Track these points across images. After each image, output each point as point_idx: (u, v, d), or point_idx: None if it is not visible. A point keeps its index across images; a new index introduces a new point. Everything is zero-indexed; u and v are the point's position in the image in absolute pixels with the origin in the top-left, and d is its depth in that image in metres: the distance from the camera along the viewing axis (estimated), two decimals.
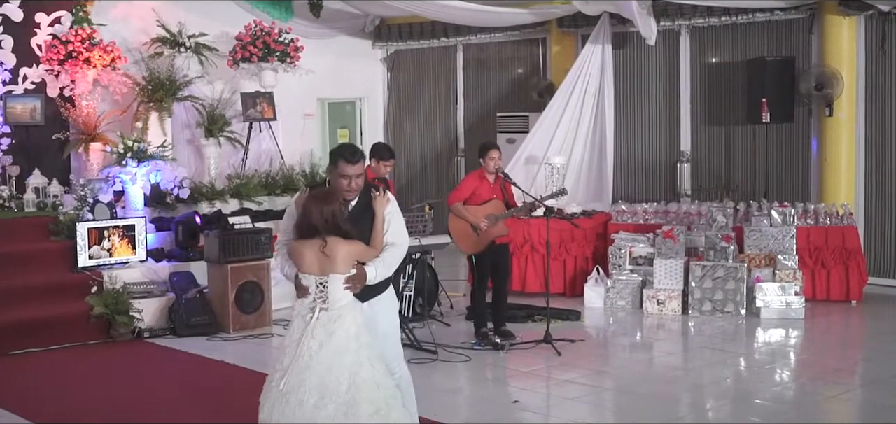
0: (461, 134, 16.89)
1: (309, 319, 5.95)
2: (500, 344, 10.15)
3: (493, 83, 16.55)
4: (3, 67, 13.45)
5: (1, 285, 10.71)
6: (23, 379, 9.35)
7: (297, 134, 16.14)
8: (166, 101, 13.47)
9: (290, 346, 5.97)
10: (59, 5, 13.90)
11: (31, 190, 12.35)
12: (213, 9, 15.21)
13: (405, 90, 17.58)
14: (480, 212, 10.26)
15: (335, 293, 5.98)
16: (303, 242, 6.03)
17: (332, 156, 6.31)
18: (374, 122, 17.98)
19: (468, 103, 16.86)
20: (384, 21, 17.44)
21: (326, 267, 5.97)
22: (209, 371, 9.68)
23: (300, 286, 6.08)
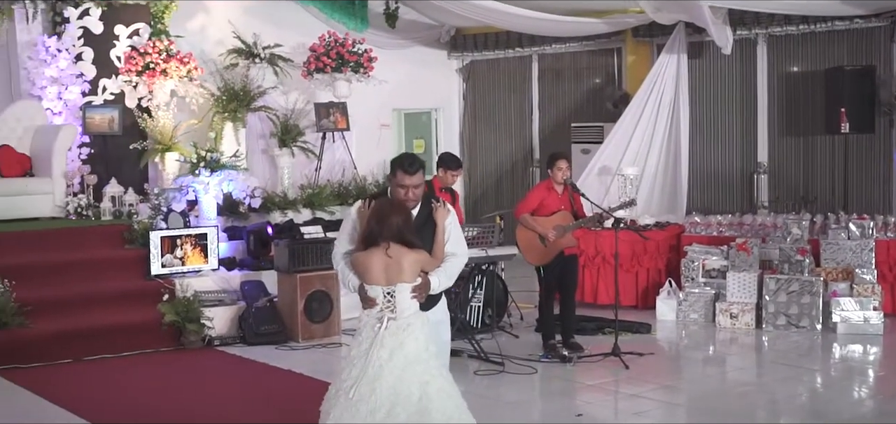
0: (536, 144, 16.80)
1: (378, 329, 5.97)
2: (567, 356, 10.04)
3: (568, 93, 16.44)
4: (83, 78, 13.69)
5: (76, 291, 10.90)
6: (94, 385, 9.48)
7: (373, 144, 16.21)
8: (240, 112, 13.62)
9: (359, 356, 5.98)
10: (138, 17, 14.12)
11: (108, 198, 12.56)
12: (289, 19, 15.38)
13: (481, 100, 17.54)
14: (548, 223, 10.17)
15: (403, 302, 6.02)
16: (368, 253, 6.06)
17: (392, 165, 6.37)
18: (450, 133, 17.97)
19: (543, 113, 16.76)
20: (460, 31, 17.42)
21: (393, 276, 6.01)
22: (276, 380, 9.72)
23: (366, 297, 6.10)
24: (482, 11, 14.99)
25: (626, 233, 11.90)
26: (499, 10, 14.65)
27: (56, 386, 9.28)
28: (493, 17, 15.44)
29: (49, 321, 10.35)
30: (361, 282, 6.13)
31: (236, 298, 11.41)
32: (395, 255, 6.01)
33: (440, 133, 18.00)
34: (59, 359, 10.09)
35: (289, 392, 9.35)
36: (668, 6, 12.91)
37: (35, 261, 11.10)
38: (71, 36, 13.65)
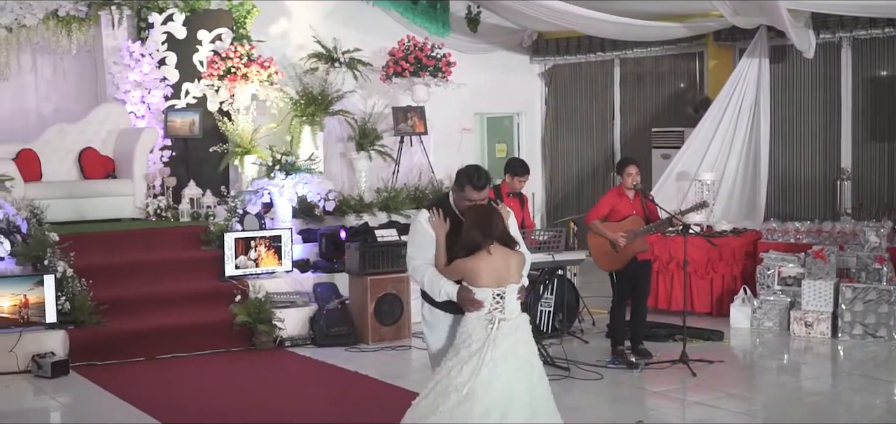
0: (617, 149, 16.66)
1: (490, 330, 6.07)
2: (634, 362, 9.94)
3: (649, 98, 16.29)
4: (166, 83, 13.97)
5: (151, 291, 11.13)
6: (165, 383, 9.67)
7: (454, 148, 16.24)
8: (318, 116, 13.75)
9: (470, 356, 6.06)
10: (221, 22, 14.36)
11: (186, 200, 12.79)
12: (371, 24, 15.51)
13: (562, 105, 17.47)
14: (619, 229, 10.09)
15: (511, 303, 6.19)
16: (476, 257, 6.16)
17: (459, 177, 6.42)
18: (532, 137, 17.93)
19: (624, 118, 16.63)
20: (542, 36, 17.38)
21: (503, 277, 6.16)
22: (342, 381, 9.79)
23: (471, 300, 6.15)
24: (564, 16, 14.93)
25: (703, 240, 11.77)
26: (580, 15, 14.59)
27: (128, 384, 9.48)
28: (574, 22, 15.38)
29: (124, 319, 10.58)
30: (461, 287, 6.19)
31: (308, 300, 11.52)
32: (502, 257, 6.19)
33: (522, 137, 17.96)
34: (133, 357, 10.32)
35: (354, 393, 9.41)
36: (747, 8, 12.70)
37: (113, 261, 11.36)
38: (155, 41, 13.92)
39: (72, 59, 14.06)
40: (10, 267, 10.64)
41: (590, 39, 16.50)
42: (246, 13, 14.63)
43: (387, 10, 16.03)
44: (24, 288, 10.14)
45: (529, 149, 17.85)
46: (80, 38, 13.81)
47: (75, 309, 10.29)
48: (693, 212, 10.40)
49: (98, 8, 13.73)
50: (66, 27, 13.69)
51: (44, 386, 9.47)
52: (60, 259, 10.58)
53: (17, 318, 10.06)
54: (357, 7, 15.70)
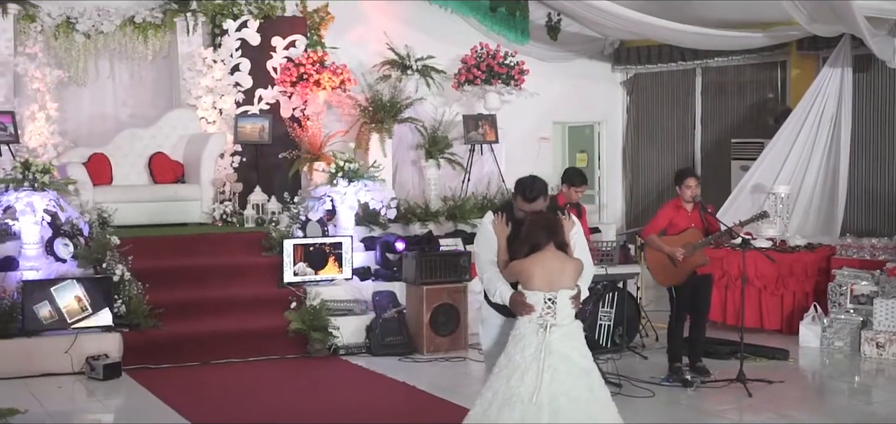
0: (698, 160, 16.27)
1: (542, 335, 6.12)
2: (689, 380, 9.64)
3: (730, 108, 15.85)
4: (238, 89, 14.06)
5: (209, 296, 11.19)
6: (215, 389, 9.68)
7: (532, 157, 16.04)
8: (387, 123, 13.70)
9: (527, 362, 6.10)
10: (295, 29, 14.42)
11: (251, 206, 12.85)
12: (450, 31, 15.43)
13: (643, 114, 17.14)
14: (677, 243, 9.81)
15: (563, 308, 6.22)
16: (532, 259, 6.25)
17: (515, 187, 6.66)
18: (613, 147, 17.63)
19: (705, 128, 16.22)
20: (624, 44, 17.08)
21: (556, 282, 6.20)
22: (391, 393, 9.70)
23: (523, 304, 6.23)
24: (645, 26, 14.65)
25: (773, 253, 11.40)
26: (661, 25, 14.29)
27: (178, 388, 9.53)
28: (655, 32, 15.08)
29: (181, 324, 10.66)
30: (515, 292, 6.30)
31: (366, 308, 11.46)
32: (557, 262, 6.25)
33: (603, 147, 17.68)
34: (187, 362, 10.37)
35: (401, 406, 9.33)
36: (823, 14, 12.23)
37: (174, 265, 11.46)
38: (228, 47, 14.03)
39: (148, 65, 14.24)
40: (72, 269, 10.79)
41: (671, 48, 16.15)
42: (320, 20, 14.66)
43: (465, 17, 15.92)
44: (83, 290, 10.24)
45: (610, 158, 17.58)
46: (156, 44, 13.98)
47: (131, 311, 10.39)
48: (752, 223, 10.05)
49: (173, 14, 13.88)
50: (142, 33, 13.86)
51: (95, 388, 9.58)
52: (119, 262, 10.69)
53: (74, 320, 10.16)
54: (435, 14, 15.62)
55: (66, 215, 10.90)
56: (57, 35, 13.48)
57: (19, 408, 8.19)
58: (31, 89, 12.77)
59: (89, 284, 10.33)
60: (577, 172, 10.21)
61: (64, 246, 10.93)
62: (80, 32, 13.54)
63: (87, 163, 12.67)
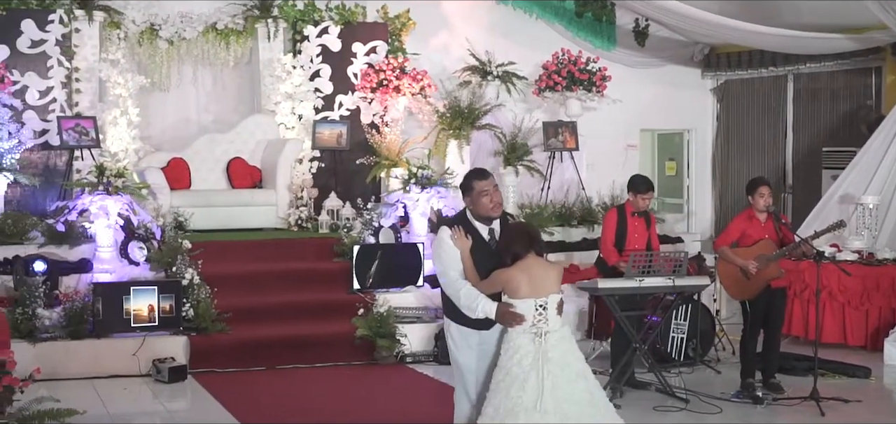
0: (789, 169, 15.81)
1: (538, 343, 6.06)
2: (760, 397, 9.30)
3: (823, 115, 15.37)
4: (318, 94, 14.09)
5: (279, 301, 11.18)
6: (277, 394, 9.64)
7: (618, 165, 15.81)
8: (465, 129, 13.59)
9: (525, 371, 6.04)
10: (376, 35, 14.40)
11: (326, 211, 12.84)
12: (535, 37, 15.28)
13: (734, 121, 16.72)
14: (750, 255, 9.49)
15: (552, 313, 6.16)
16: (517, 268, 6.16)
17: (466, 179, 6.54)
18: (702, 155, 17.26)
19: (797, 136, 15.75)
20: (714, 50, 16.70)
21: (543, 288, 6.14)
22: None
23: (512, 314, 6.13)
24: (733, 31, 14.31)
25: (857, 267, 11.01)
26: (750, 29, 13.94)
27: (241, 393, 9.52)
28: (744, 37, 14.72)
29: (248, 328, 10.67)
30: (501, 304, 6.17)
31: (436, 316, 11.33)
32: (541, 268, 6.19)
33: (692, 155, 17.30)
34: (253, 366, 10.36)
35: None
36: None
37: (246, 270, 11.52)
38: (308, 53, 14.07)
39: (231, 71, 14.38)
40: (144, 272, 10.90)
41: (762, 54, 15.75)
42: (401, 26, 14.61)
43: (550, 23, 15.75)
44: (152, 294, 10.33)
45: (699, 166, 17.21)
46: (237, 50, 14.10)
47: (199, 315, 10.44)
48: (828, 233, 9.68)
49: (255, 21, 13.97)
50: (224, 40, 14.00)
51: (160, 391, 9.63)
52: (189, 266, 10.76)
53: (142, 323, 10.25)
54: (520, 20, 15.50)
55: (138, 219, 11.02)
56: (141, 41, 13.67)
57: (78, 410, 8.24)
58: (113, 95, 12.94)
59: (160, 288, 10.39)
60: (642, 179, 9.94)
61: (138, 249, 11.04)
62: (163, 39, 13.70)
63: (165, 168, 12.81)
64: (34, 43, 12.98)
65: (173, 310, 10.35)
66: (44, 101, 12.99)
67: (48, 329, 9.99)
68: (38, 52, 13.01)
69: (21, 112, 12.82)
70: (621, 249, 9.78)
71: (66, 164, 12.67)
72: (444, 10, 15.23)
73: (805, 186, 15.10)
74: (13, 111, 12.62)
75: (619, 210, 10.01)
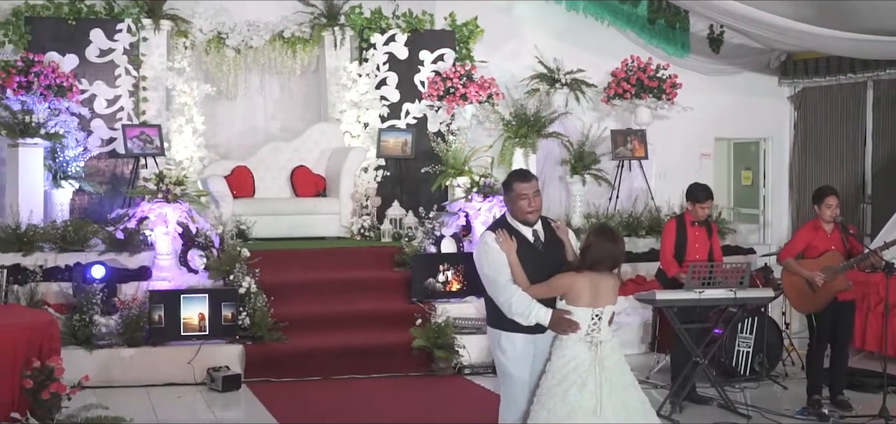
0: (868, 179, 15.31)
1: (593, 352, 6.04)
2: (826, 414, 8.97)
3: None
4: (384, 102, 14.02)
5: (337, 310, 11.09)
6: (331, 405, 9.53)
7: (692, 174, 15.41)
8: (531, 137, 13.40)
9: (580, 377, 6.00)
10: (444, 43, 14.30)
11: (389, 220, 12.74)
12: (606, 45, 14.98)
13: (812, 130, 16.22)
14: (816, 266, 9.16)
15: (605, 324, 6.14)
16: (584, 275, 6.08)
17: (507, 180, 6.40)
18: (779, 164, 16.77)
19: (877, 144, 15.23)
20: (791, 57, 16.26)
21: (601, 298, 6.09)
22: None
23: (569, 321, 6.06)
24: (809, 36, 13.89)
25: None
26: (826, 35, 13.53)
27: (295, 403, 9.49)
28: (820, 42, 14.29)
29: (305, 337, 10.60)
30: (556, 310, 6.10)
31: None
32: (601, 279, 6.10)
33: (768, 164, 16.86)
34: (308, 376, 10.29)
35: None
36: None
37: (305, 279, 11.46)
38: (375, 61, 14.01)
39: (298, 80, 14.36)
40: (202, 280, 10.90)
41: (840, 60, 15.27)
42: (469, 33, 14.48)
43: (622, 31, 15.46)
44: (203, 302, 10.31)
45: (776, 176, 16.74)
46: (304, 58, 14.08)
47: (255, 324, 10.39)
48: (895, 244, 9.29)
49: (322, 29, 13.94)
50: (291, 48, 13.99)
51: (213, 400, 9.60)
52: (247, 274, 10.73)
53: (193, 331, 10.23)
54: (592, 28, 15.21)
55: (197, 227, 11.02)
56: (208, 50, 13.71)
57: (125, 418, 8.26)
58: (179, 103, 13.00)
59: (215, 296, 10.37)
60: (701, 188, 9.66)
61: (199, 257, 11.05)
62: (230, 47, 13.73)
63: (228, 176, 12.82)
64: (102, 52, 13.12)
65: (232, 319, 10.32)
66: (111, 110, 13.12)
67: (105, 336, 10.03)
68: (107, 60, 13.13)
69: (89, 120, 12.94)
70: (681, 260, 9.52)
71: (132, 173, 12.73)
72: (513, 17, 15.04)
73: (884, 196, 14.60)
74: (81, 119, 12.74)
75: (678, 220, 9.75)
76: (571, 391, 5.97)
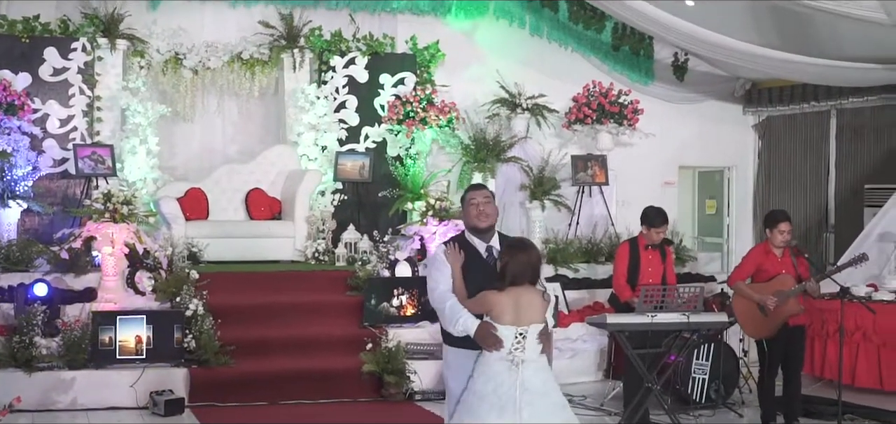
0: (831, 208, 15.23)
1: (514, 372, 5.88)
2: None
3: (866, 152, 14.77)
4: (342, 126, 13.86)
5: (287, 334, 10.86)
6: None
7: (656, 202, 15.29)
8: (490, 162, 13.26)
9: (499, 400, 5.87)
10: (405, 67, 14.18)
11: (343, 244, 12.55)
12: (571, 71, 14.91)
13: (776, 158, 16.17)
14: (767, 290, 9.02)
15: (531, 343, 5.94)
16: (506, 292, 5.95)
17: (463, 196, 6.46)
18: (743, 193, 16.72)
19: (840, 173, 15.17)
20: (755, 85, 16.20)
21: (526, 316, 5.93)
22: None
23: (493, 337, 5.92)
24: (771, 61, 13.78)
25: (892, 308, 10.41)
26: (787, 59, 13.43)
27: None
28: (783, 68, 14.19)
29: (253, 361, 10.35)
30: (482, 323, 5.98)
31: None
32: (528, 296, 5.96)
33: (733, 193, 16.78)
34: (255, 401, 10.02)
35: None
36: None
37: (256, 302, 11.22)
38: (334, 84, 13.85)
39: (256, 102, 14.17)
40: (148, 302, 10.67)
41: (804, 88, 15.24)
42: (430, 57, 14.35)
43: (586, 57, 15.39)
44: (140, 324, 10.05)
45: (741, 205, 16.70)
46: (263, 80, 13.90)
47: (201, 347, 10.15)
48: (849, 267, 9.18)
49: (281, 51, 13.78)
50: (249, 69, 13.81)
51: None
52: (195, 296, 10.51)
53: (142, 353, 9.99)
54: (555, 53, 15.16)
55: (144, 248, 10.81)
56: (165, 70, 13.51)
57: None
58: (133, 123, 12.80)
59: (159, 318, 10.14)
60: (656, 211, 9.53)
61: (147, 278, 10.82)
62: (187, 68, 13.55)
63: (182, 198, 12.60)
64: (56, 70, 12.92)
65: (177, 341, 10.08)
66: (64, 129, 12.90)
67: (46, 358, 9.77)
68: (60, 79, 12.94)
69: (41, 139, 12.72)
70: (634, 284, 9.37)
71: (82, 193, 12.50)
72: (476, 41, 14.93)
73: (847, 225, 14.53)
74: (33, 138, 12.51)
75: (631, 243, 9.61)
76: (492, 414, 5.87)
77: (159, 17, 13.50)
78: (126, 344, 9.93)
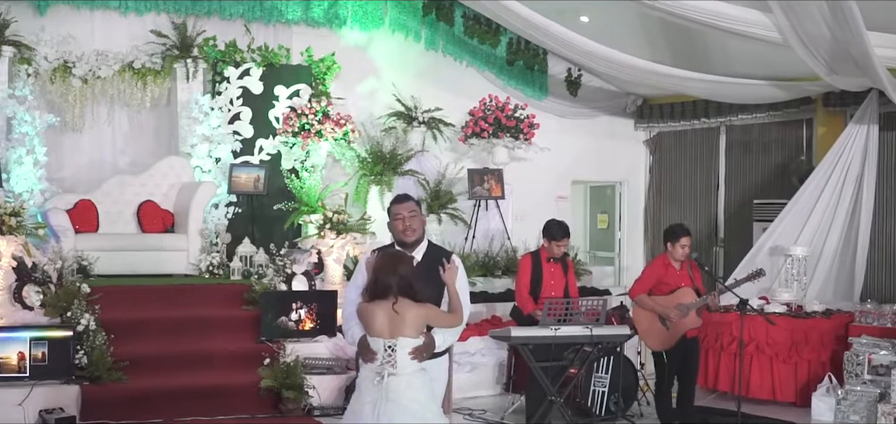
0: (721, 222, 15.52)
1: (378, 383, 5.90)
2: None
3: (755, 167, 15.10)
4: (237, 137, 13.64)
5: (182, 349, 10.60)
6: None
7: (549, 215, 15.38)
8: (387, 175, 13.19)
9: (364, 414, 5.92)
10: (300, 78, 14.01)
11: (238, 258, 12.34)
12: (466, 85, 14.87)
13: (666, 174, 16.42)
14: (669, 303, 9.13)
15: (403, 358, 5.93)
16: (374, 304, 5.96)
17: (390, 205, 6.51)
18: (634, 207, 16.94)
19: (729, 189, 15.47)
20: (647, 101, 16.44)
21: (396, 329, 5.92)
22: None
23: (367, 349, 6.00)
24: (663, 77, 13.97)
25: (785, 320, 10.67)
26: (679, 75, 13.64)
27: None
28: (674, 84, 14.41)
29: (148, 378, 10.09)
30: (364, 334, 6.05)
31: (346, 367, 10.84)
32: (400, 309, 5.93)
33: (624, 207, 16.98)
34: (149, 418, 9.76)
35: None
36: (844, 66, 11.44)
37: (150, 317, 10.93)
38: (229, 95, 13.63)
39: (148, 112, 13.77)
40: (39, 318, 10.32)
41: (694, 105, 15.51)
42: (326, 69, 14.22)
43: (481, 71, 15.39)
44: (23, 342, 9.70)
45: (632, 219, 16.90)
46: (155, 90, 13.56)
47: (93, 363, 9.85)
48: (747, 282, 9.36)
49: (173, 60, 13.49)
50: (141, 79, 13.45)
51: None
52: (86, 311, 10.20)
53: (30, 370, 9.65)
54: (450, 67, 15.10)
55: (33, 261, 10.46)
56: (53, 79, 13.10)
57: None
58: (19, 133, 12.40)
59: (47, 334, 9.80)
60: (558, 225, 9.61)
61: (35, 293, 10.46)
62: (76, 77, 13.16)
63: (71, 210, 12.23)
64: None
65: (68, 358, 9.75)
66: None
67: None
68: None
69: None
70: (537, 297, 9.40)
71: None
72: (372, 54, 14.83)
73: (736, 240, 14.84)
74: None
75: (533, 256, 9.64)
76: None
77: (47, 23, 13.08)
78: (8, 361, 9.56)
